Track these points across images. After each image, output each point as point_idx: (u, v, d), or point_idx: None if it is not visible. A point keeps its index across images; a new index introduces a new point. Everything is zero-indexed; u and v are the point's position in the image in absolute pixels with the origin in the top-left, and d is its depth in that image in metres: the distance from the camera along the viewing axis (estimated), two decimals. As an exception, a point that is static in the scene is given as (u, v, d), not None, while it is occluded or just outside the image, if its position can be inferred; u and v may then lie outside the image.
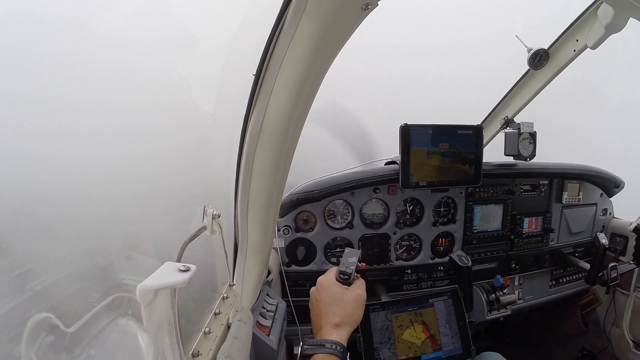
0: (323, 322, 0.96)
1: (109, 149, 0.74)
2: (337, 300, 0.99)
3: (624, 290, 2.06)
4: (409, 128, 1.62)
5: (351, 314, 0.97)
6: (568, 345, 2.38)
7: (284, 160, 0.99)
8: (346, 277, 1.03)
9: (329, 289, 1.02)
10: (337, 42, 0.78)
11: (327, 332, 0.93)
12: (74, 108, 0.65)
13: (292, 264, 1.72)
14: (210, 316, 0.91)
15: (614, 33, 1.28)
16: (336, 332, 0.93)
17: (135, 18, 0.77)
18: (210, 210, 0.88)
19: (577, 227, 2.12)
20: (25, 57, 0.58)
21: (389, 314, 1.47)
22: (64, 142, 0.63)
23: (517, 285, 2.03)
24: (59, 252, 0.63)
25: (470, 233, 1.88)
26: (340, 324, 0.95)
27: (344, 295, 1.00)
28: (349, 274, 1.04)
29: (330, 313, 0.97)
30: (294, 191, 1.65)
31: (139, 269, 0.76)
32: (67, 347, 0.58)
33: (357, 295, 1.01)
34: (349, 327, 0.96)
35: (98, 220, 0.72)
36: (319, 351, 0.87)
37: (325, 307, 0.98)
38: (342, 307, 0.97)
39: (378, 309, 1.48)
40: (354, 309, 0.99)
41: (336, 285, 1.03)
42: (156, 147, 0.90)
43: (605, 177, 2.09)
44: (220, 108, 1.08)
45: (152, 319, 0.61)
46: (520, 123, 1.88)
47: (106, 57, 0.70)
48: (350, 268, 1.05)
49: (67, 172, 0.65)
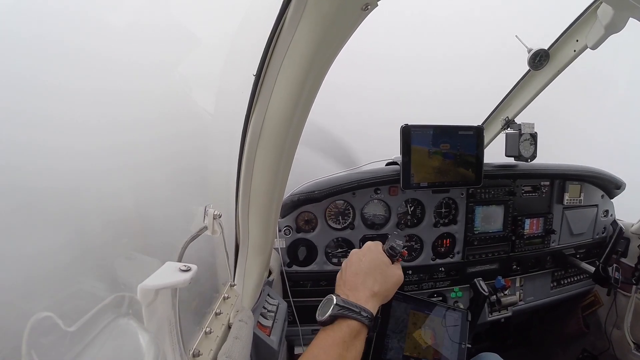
0: (361, 283, 0.90)
1: (109, 149, 0.74)
2: (382, 270, 0.95)
3: (625, 292, 2.05)
4: (410, 128, 1.62)
5: (388, 288, 0.93)
6: (569, 346, 2.38)
7: (285, 161, 0.99)
8: (394, 254, 1.00)
9: (377, 255, 0.98)
10: (337, 42, 0.78)
11: (364, 297, 0.87)
12: (73, 108, 0.65)
13: (293, 265, 1.72)
14: (211, 316, 0.91)
15: (613, 33, 1.27)
16: (372, 301, 0.88)
17: (135, 18, 0.77)
18: (211, 210, 0.88)
19: (579, 229, 2.12)
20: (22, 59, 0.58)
21: (408, 308, 1.49)
22: (63, 141, 0.63)
23: (518, 287, 2.02)
24: (59, 252, 0.63)
25: (471, 234, 1.88)
26: (378, 294, 0.90)
27: (389, 268, 0.96)
28: (398, 251, 1.00)
29: (371, 278, 0.92)
30: (295, 191, 1.65)
31: (140, 269, 0.76)
32: (68, 346, 0.58)
33: (399, 275, 0.97)
34: (381, 299, 0.92)
35: (99, 220, 0.72)
36: (355, 317, 0.82)
37: (368, 270, 0.93)
38: (384, 278, 0.94)
39: (400, 300, 1.49)
40: (392, 286, 0.95)
41: (384, 255, 0.99)
42: (156, 147, 0.90)
43: (607, 179, 2.08)
44: (220, 108, 1.08)
45: (152, 318, 0.61)
46: (521, 124, 1.88)
47: (106, 57, 0.71)
48: (400, 247, 1.01)
49: (68, 172, 0.65)
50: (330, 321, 0.83)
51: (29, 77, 0.58)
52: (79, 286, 0.66)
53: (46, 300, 0.59)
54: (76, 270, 0.66)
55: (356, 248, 1.08)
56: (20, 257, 0.55)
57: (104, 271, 0.72)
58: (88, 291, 0.67)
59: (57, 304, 0.60)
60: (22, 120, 0.57)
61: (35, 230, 0.58)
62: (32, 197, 0.57)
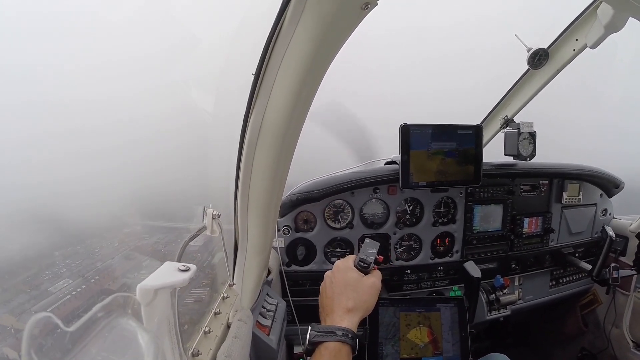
0: (335, 305, 0.93)
1: (109, 149, 0.74)
2: (353, 285, 0.96)
3: (624, 290, 2.06)
4: (409, 128, 1.62)
5: (364, 300, 0.95)
6: (568, 345, 2.38)
7: (284, 160, 0.99)
8: (365, 266, 1.01)
9: (345, 273, 1.00)
10: (336, 41, 0.78)
11: (339, 317, 0.90)
12: (73, 107, 0.65)
13: (292, 264, 1.72)
14: (210, 316, 0.91)
15: (613, 32, 1.27)
16: (348, 318, 0.90)
17: (135, 18, 0.77)
18: (210, 210, 0.88)
19: (577, 228, 2.12)
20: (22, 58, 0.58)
21: (397, 311, 1.47)
22: (63, 141, 0.63)
23: (517, 286, 2.03)
24: (59, 252, 0.63)
25: (470, 233, 1.88)
26: (353, 309, 0.92)
27: (360, 281, 0.98)
28: (369, 262, 1.02)
29: (344, 297, 0.94)
30: (294, 191, 1.65)
31: (139, 269, 0.76)
32: (67, 346, 0.58)
33: (373, 283, 0.99)
34: (360, 313, 0.94)
35: (99, 219, 0.72)
36: (330, 339, 0.84)
37: (339, 290, 0.96)
38: (357, 292, 0.95)
39: (387, 305, 1.48)
40: (368, 296, 0.96)
41: (354, 270, 1.01)
42: (157, 147, 0.90)
43: (605, 177, 2.09)
44: (220, 108, 1.08)
45: (152, 318, 0.61)
46: (520, 123, 1.88)
47: (105, 57, 0.70)
48: (371, 257, 1.03)
49: (68, 170, 0.65)
50: (312, 350, 0.85)
51: (29, 77, 0.58)
52: (78, 285, 0.66)
53: (46, 300, 0.59)
54: (76, 269, 0.66)
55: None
56: (18, 256, 0.55)
57: (104, 271, 0.72)
58: (88, 291, 0.67)
59: (57, 303, 0.60)
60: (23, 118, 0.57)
61: (35, 231, 0.58)
62: (32, 197, 0.57)
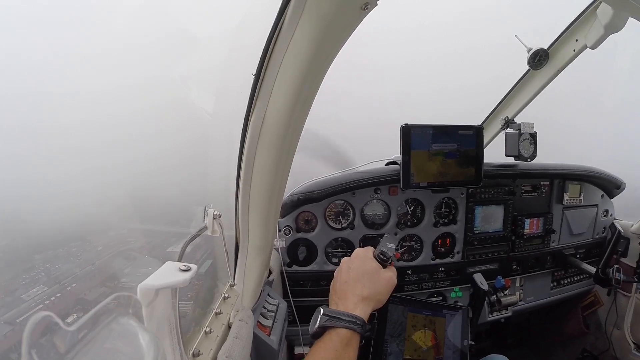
0: (350, 291, 0.91)
1: (109, 149, 0.74)
2: (371, 275, 0.95)
3: (626, 292, 2.05)
4: (410, 128, 1.62)
5: (379, 292, 0.94)
6: (569, 346, 2.38)
7: (285, 160, 0.99)
8: (385, 259, 1.00)
9: (364, 261, 0.98)
10: (336, 42, 0.78)
11: (352, 303, 0.88)
12: (73, 108, 0.65)
13: (293, 264, 1.72)
14: (211, 316, 0.91)
15: (613, 33, 1.28)
16: (361, 306, 0.88)
17: (135, 18, 0.77)
18: (211, 210, 0.88)
19: (579, 229, 2.12)
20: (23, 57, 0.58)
21: (405, 311, 1.48)
22: (63, 140, 0.63)
23: (518, 287, 2.02)
24: (59, 251, 0.63)
25: (471, 234, 1.88)
26: (367, 298, 0.90)
27: (378, 272, 0.97)
28: (389, 256, 1.01)
29: (360, 284, 0.92)
30: (295, 191, 1.65)
31: (140, 269, 0.76)
32: (68, 345, 0.58)
33: (390, 278, 0.98)
34: (373, 304, 0.92)
35: (100, 219, 0.72)
36: (342, 325, 0.82)
37: (356, 277, 0.94)
38: (374, 282, 0.94)
39: (397, 303, 1.49)
40: (384, 289, 0.95)
41: (374, 260, 1.00)
42: (157, 148, 0.90)
43: (606, 178, 2.09)
44: (220, 108, 1.08)
45: (153, 318, 0.61)
46: (521, 123, 1.88)
47: (105, 58, 0.71)
48: (390, 252, 1.02)
49: (68, 171, 0.65)
50: (321, 333, 0.83)
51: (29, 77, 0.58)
52: (79, 285, 0.66)
53: (47, 299, 0.59)
54: (77, 269, 0.66)
55: (357, 247, 1.07)
56: (20, 256, 0.55)
57: (105, 271, 0.72)
58: (88, 290, 0.67)
59: (57, 302, 0.60)
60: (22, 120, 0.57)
61: (34, 231, 0.58)
62: (32, 197, 0.57)
